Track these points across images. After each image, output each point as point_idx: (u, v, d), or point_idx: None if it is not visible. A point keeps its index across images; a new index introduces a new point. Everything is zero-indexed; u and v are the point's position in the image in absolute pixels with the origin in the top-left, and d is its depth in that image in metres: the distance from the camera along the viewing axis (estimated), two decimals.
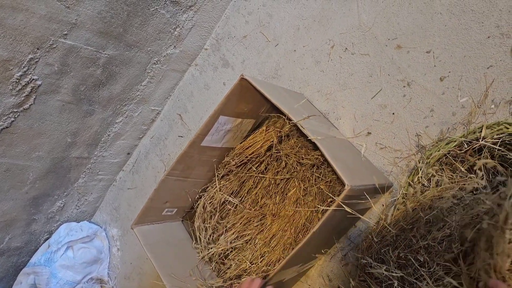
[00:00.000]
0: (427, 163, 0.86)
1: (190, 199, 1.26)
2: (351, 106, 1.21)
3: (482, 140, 0.81)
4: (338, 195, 1.04)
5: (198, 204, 1.27)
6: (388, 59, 1.15)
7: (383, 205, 1.13)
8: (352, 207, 0.95)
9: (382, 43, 1.16)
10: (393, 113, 1.14)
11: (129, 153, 1.78)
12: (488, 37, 1.00)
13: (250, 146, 1.19)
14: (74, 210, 1.80)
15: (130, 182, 1.80)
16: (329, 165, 0.84)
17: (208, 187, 1.28)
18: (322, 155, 0.85)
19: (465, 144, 0.85)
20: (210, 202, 1.26)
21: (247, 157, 1.20)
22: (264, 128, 1.19)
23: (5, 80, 1.15)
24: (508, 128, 0.79)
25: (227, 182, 1.26)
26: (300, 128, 0.87)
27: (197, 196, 1.27)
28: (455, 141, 0.84)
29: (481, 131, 0.82)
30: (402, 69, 1.13)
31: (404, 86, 1.12)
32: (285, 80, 1.35)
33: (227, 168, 1.23)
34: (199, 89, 1.59)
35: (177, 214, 1.28)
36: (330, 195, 1.07)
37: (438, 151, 0.85)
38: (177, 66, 1.57)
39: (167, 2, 1.33)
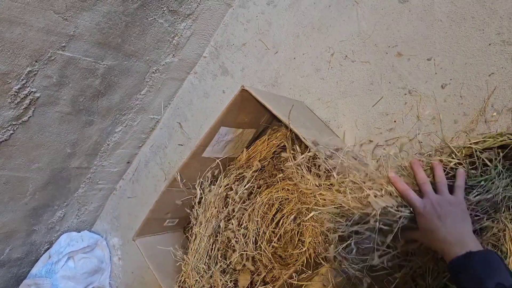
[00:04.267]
0: (429, 175, 0.85)
1: (188, 211, 1.25)
2: (352, 114, 1.21)
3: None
4: None
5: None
6: (388, 66, 1.15)
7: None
8: None
9: (383, 51, 1.16)
10: (395, 121, 1.13)
11: (129, 162, 1.77)
12: (489, 44, 1.00)
13: (252, 157, 1.18)
14: (74, 219, 1.79)
15: (130, 191, 1.79)
16: None
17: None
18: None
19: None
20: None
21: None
22: (266, 137, 1.18)
23: (3, 93, 1.14)
24: (511, 139, 0.78)
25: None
26: (303, 141, 0.86)
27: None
28: (458, 151, 0.83)
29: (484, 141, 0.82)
30: (403, 76, 1.12)
31: (405, 94, 1.12)
32: (285, 88, 1.35)
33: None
34: (198, 97, 1.59)
35: (178, 225, 1.27)
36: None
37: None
38: (176, 74, 1.57)
39: (165, 11, 1.32)
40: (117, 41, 1.28)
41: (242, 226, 1.16)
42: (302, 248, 1.07)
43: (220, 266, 1.14)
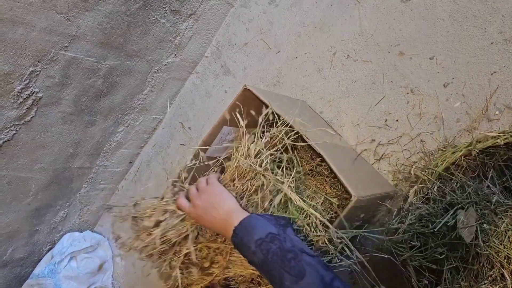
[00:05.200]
0: (432, 173, 0.85)
1: None
2: (354, 113, 1.21)
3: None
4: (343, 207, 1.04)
5: None
6: (391, 65, 1.15)
7: (388, 212, 1.12)
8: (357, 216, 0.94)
9: (385, 50, 1.16)
10: (397, 120, 1.13)
11: (131, 162, 1.77)
12: (491, 43, 1.00)
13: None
14: (76, 220, 1.79)
15: (132, 191, 1.79)
16: (335, 175, 0.84)
17: None
18: (329, 167, 0.84)
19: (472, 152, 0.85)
20: None
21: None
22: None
23: (6, 93, 1.14)
24: None
25: None
26: (306, 139, 0.86)
27: None
28: (461, 150, 0.83)
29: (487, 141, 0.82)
30: (405, 75, 1.12)
31: (407, 93, 1.12)
32: (287, 87, 1.35)
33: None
34: (200, 97, 1.59)
35: None
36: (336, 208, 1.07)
37: (444, 160, 0.84)
38: (178, 74, 1.57)
39: (167, 11, 1.32)
40: (119, 41, 1.28)
41: None
42: None
43: None
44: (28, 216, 1.55)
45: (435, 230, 0.84)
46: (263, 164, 0.84)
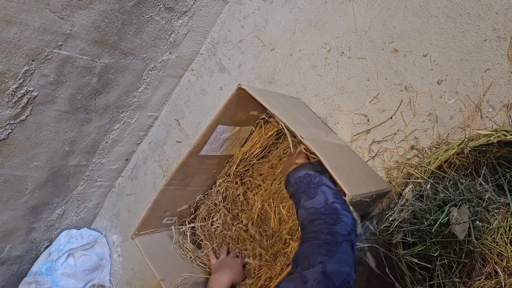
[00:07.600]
0: (425, 171, 0.86)
1: (186, 209, 1.26)
2: (349, 110, 1.21)
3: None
4: None
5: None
6: (385, 63, 1.15)
7: (382, 209, 1.13)
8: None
9: (379, 47, 1.16)
10: (391, 117, 1.14)
11: (127, 159, 1.77)
12: (485, 40, 1.00)
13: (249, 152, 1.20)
14: (73, 217, 1.79)
15: (129, 188, 1.79)
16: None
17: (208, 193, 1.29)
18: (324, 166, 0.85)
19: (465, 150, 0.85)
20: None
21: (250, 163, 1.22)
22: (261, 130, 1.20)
23: (1, 92, 1.14)
24: (506, 136, 0.79)
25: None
26: (300, 139, 0.87)
27: (195, 205, 1.27)
28: (453, 149, 0.84)
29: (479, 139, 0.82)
30: (399, 73, 1.12)
31: (401, 90, 1.12)
32: (282, 84, 1.35)
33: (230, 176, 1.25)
34: (195, 94, 1.59)
35: (177, 223, 1.28)
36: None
37: (437, 158, 0.85)
38: (173, 71, 1.57)
39: (162, 8, 1.32)
40: (114, 39, 1.28)
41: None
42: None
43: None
44: (25, 214, 1.56)
45: (429, 227, 0.85)
46: None
